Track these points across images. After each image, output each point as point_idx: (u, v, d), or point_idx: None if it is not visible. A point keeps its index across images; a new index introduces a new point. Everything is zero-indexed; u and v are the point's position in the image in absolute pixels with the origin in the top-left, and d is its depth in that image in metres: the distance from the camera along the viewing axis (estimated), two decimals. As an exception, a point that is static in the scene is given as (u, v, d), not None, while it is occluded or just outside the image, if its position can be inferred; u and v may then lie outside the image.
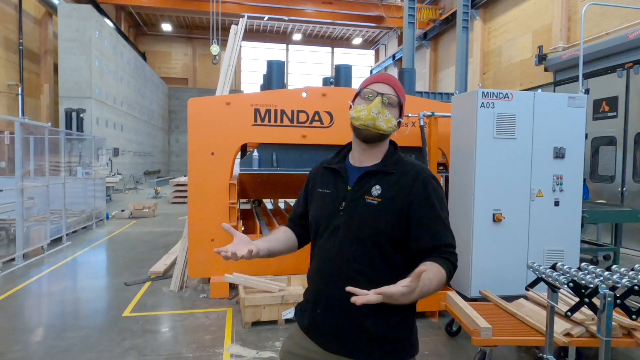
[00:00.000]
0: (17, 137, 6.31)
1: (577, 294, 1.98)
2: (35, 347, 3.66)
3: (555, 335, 3.15)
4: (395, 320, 1.41)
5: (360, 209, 1.41)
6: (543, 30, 15.38)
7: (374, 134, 1.43)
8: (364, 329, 1.38)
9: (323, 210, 1.49)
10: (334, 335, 1.42)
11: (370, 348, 1.39)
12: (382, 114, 1.41)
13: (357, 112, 1.42)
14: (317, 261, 1.49)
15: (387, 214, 1.38)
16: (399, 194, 1.39)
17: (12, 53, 15.51)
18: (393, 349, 1.41)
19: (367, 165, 1.48)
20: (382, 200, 1.39)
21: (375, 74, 1.54)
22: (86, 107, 16.22)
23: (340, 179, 1.49)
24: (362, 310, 1.35)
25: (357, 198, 1.42)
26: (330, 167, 1.55)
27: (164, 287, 5.31)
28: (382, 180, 1.43)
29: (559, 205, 4.48)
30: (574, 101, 4.48)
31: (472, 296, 4.33)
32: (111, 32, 19.52)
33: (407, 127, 5.22)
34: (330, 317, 1.42)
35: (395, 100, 1.45)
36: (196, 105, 4.97)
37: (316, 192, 1.55)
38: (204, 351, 3.62)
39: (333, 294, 1.41)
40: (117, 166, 18.83)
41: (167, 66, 31.41)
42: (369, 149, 1.48)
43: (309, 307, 1.49)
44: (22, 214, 6.48)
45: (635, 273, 2.06)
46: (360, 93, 1.48)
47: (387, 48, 31.08)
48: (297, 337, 1.53)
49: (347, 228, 1.41)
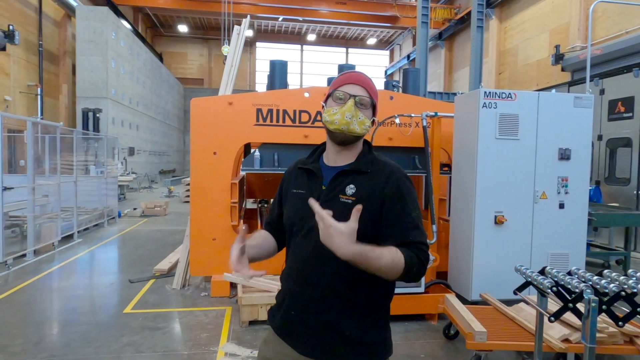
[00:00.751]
0: (29, 136, 6.48)
1: (561, 299, 1.92)
2: (36, 341, 3.74)
3: (552, 341, 3.08)
4: (370, 321, 1.40)
5: (334, 209, 1.35)
6: (560, 29, 15.06)
7: (349, 137, 1.42)
8: (339, 331, 1.37)
9: (297, 211, 1.47)
10: (308, 337, 1.41)
11: (345, 350, 1.38)
12: (356, 117, 1.39)
13: (331, 116, 1.40)
14: (292, 262, 1.48)
15: (361, 213, 1.35)
16: (372, 193, 1.38)
17: (32, 54, 15.92)
18: (368, 351, 1.39)
19: (342, 164, 1.47)
20: (356, 199, 1.38)
21: (346, 73, 1.48)
22: (102, 107, 16.56)
23: (315, 179, 1.48)
24: (337, 312, 1.37)
25: (331, 198, 1.41)
26: (304, 167, 1.53)
27: (167, 285, 5.37)
28: (356, 179, 1.42)
29: (564, 208, 4.37)
30: (580, 101, 4.37)
31: (472, 299, 4.27)
32: (127, 34, 19.88)
33: (410, 128, 5.17)
34: (304, 319, 1.41)
35: (368, 101, 1.43)
36: (199, 105, 5.02)
37: (290, 192, 1.54)
38: (199, 349, 3.65)
39: (308, 296, 1.40)
40: (133, 165, 19.17)
41: (183, 67, 31.84)
42: (343, 150, 1.47)
43: (282, 308, 1.48)
44: (33, 211, 6.64)
45: (627, 278, 1.99)
46: (332, 94, 1.46)
47: (401, 48, 30.88)
48: (272, 341, 1.51)
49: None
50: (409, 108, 5.14)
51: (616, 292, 1.85)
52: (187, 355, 3.54)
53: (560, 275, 2.07)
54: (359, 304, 1.38)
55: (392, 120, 5.09)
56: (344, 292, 1.37)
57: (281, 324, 1.47)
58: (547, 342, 3.08)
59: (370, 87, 1.46)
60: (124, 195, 15.07)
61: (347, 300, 1.37)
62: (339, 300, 1.37)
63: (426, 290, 4.34)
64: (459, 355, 3.67)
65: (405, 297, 4.26)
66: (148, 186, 20.13)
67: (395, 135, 5.19)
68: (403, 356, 3.61)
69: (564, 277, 2.03)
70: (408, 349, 3.74)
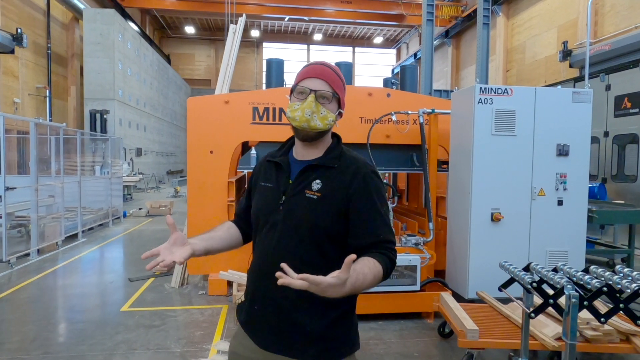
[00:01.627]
0: (32, 137, 6.56)
1: (542, 295, 1.88)
2: (32, 339, 3.78)
3: (546, 340, 3.03)
4: (333, 317, 1.38)
5: (299, 204, 1.38)
6: (569, 25, 14.85)
7: (312, 134, 1.39)
8: (300, 326, 1.35)
9: (264, 205, 1.46)
10: (269, 332, 1.40)
11: (305, 346, 1.36)
12: (317, 112, 1.36)
13: (292, 112, 1.37)
14: (256, 257, 1.47)
15: (325, 209, 1.35)
16: (338, 188, 1.36)
17: (41, 57, 16.14)
18: (329, 346, 1.37)
19: (309, 159, 1.45)
20: (322, 194, 1.36)
21: (308, 65, 1.44)
22: (109, 109, 16.73)
23: (283, 173, 1.46)
24: (298, 308, 1.35)
25: (297, 192, 1.39)
26: (273, 160, 1.51)
27: (165, 284, 5.40)
28: (323, 174, 1.39)
29: (563, 205, 4.30)
30: (578, 96, 4.29)
31: (469, 297, 4.22)
32: (134, 35, 20.06)
33: (407, 125, 5.13)
34: (266, 313, 1.40)
35: (330, 94, 1.39)
36: (195, 104, 5.03)
37: (259, 185, 1.52)
38: (192, 346, 3.66)
39: (270, 291, 1.38)
40: (140, 166, 19.34)
41: (190, 68, 32.04)
42: (310, 144, 1.45)
43: (247, 303, 1.47)
44: (36, 211, 6.72)
45: (612, 274, 1.95)
46: (294, 89, 1.42)
47: (408, 47, 30.73)
48: (240, 336, 1.51)
49: (285, 223, 1.38)
50: (406, 105, 5.10)
51: (598, 287, 1.81)
52: (179, 353, 3.55)
53: (543, 271, 2.03)
54: (320, 301, 1.33)
55: (389, 118, 5.05)
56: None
57: (245, 319, 1.47)
58: (541, 341, 3.03)
59: (332, 80, 1.41)
60: (131, 196, 15.21)
61: (308, 296, 1.31)
62: (300, 296, 1.31)
63: (422, 288, 4.30)
64: (453, 353, 3.62)
65: (401, 295, 4.23)
66: (155, 186, 20.29)
67: (393, 132, 5.16)
68: (396, 355, 3.58)
69: (547, 273, 1.98)
70: (402, 347, 3.71)
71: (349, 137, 5.15)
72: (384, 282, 3.80)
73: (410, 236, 4.56)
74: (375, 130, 5.00)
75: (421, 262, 4.24)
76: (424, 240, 4.53)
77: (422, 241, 4.49)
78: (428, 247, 4.54)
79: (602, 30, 13.09)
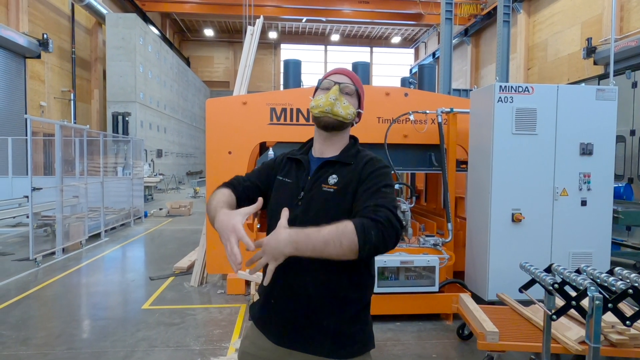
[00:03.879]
0: (58, 139, 6.74)
1: (564, 297, 1.83)
2: (57, 335, 3.89)
3: (569, 343, 2.96)
4: (349, 314, 1.39)
5: (316, 198, 1.42)
6: (593, 22, 14.47)
7: (333, 120, 1.45)
8: (317, 321, 1.37)
9: (282, 200, 1.48)
10: (285, 326, 1.41)
11: (322, 341, 1.37)
12: (340, 100, 1.44)
13: (316, 101, 1.46)
14: None
15: (342, 202, 1.39)
16: (352, 181, 1.41)
17: (66, 61, 16.60)
18: (345, 343, 1.38)
19: (327, 156, 1.50)
20: (338, 188, 1.41)
21: (334, 68, 1.58)
22: (131, 111, 17.08)
23: (302, 169, 1.51)
24: (315, 301, 1.36)
25: (314, 187, 1.44)
26: (294, 157, 1.56)
27: (185, 283, 5.48)
28: (340, 170, 1.45)
29: (587, 205, 4.19)
30: (603, 94, 4.18)
31: (489, 299, 4.15)
32: (155, 39, 20.44)
33: (425, 125, 5.08)
34: (283, 308, 1.41)
35: (353, 88, 1.48)
36: (214, 105, 5.10)
37: (277, 179, 1.55)
38: (211, 345, 3.70)
39: (288, 285, 1.40)
40: (160, 167, 19.67)
41: (209, 70, 32.44)
42: (329, 139, 1.50)
43: (262, 298, 1.49)
44: (61, 211, 6.91)
45: (638, 276, 1.88)
46: (319, 86, 1.53)
47: (427, 46, 30.43)
48: (251, 336, 1.52)
49: (304, 217, 1.40)
50: (424, 104, 5.05)
51: (623, 289, 1.75)
52: (198, 351, 3.60)
53: (566, 273, 1.98)
54: (338, 295, 1.38)
55: (406, 118, 5.01)
56: (324, 281, 1.36)
57: (260, 315, 1.48)
58: (563, 344, 2.96)
59: (355, 79, 1.52)
60: (152, 196, 15.49)
61: (327, 289, 1.37)
62: (319, 289, 1.37)
63: (441, 289, 4.25)
64: (472, 356, 3.57)
65: (419, 296, 4.19)
66: (175, 187, 20.61)
67: (410, 132, 5.12)
68: (414, 356, 3.55)
69: (570, 275, 1.94)
70: (420, 349, 3.68)
71: (366, 137, 5.13)
72: (402, 283, 3.81)
73: (428, 237, 4.52)
74: (392, 130, 4.97)
75: (440, 263, 4.20)
76: (442, 241, 4.48)
77: (440, 242, 4.44)
78: (447, 248, 4.49)
79: (628, 26, 12.70)
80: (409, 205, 4.57)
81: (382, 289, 4.11)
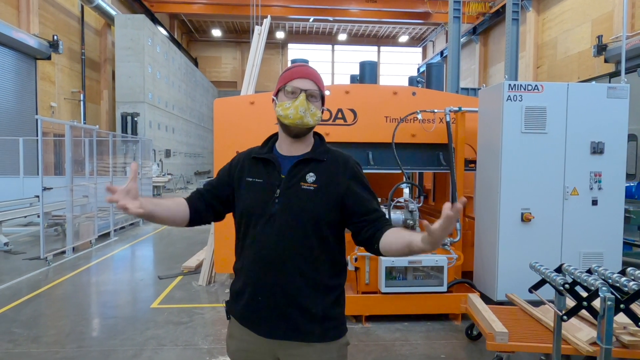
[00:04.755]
0: (68, 139, 6.81)
1: (575, 297, 1.81)
2: (67, 333, 3.93)
3: (580, 344, 2.92)
4: (332, 298, 1.50)
5: (296, 196, 1.46)
6: (603, 19, 14.30)
7: (304, 130, 1.50)
8: (306, 309, 1.44)
9: (256, 200, 1.49)
10: (274, 319, 1.45)
11: (311, 327, 1.45)
12: (308, 110, 1.46)
13: (285, 111, 1.46)
14: (255, 250, 1.48)
15: (323, 199, 1.47)
16: (333, 179, 1.49)
17: (76, 62, 16.77)
18: (331, 325, 1.49)
19: (297, 154, 1.53)
20: (318, 186, 1.47)
21: (294, 67, 1.53)
22: (140, 111, 17.20)
23: (272, 168, 1.51)
24: (303, 292, 1.44)
25: (292, 185, 1.47)
26: (260, 157, 1.55)
27: (193, 282, 5.51)
28: (315, 167, 1.50)
29: (597, 205, 4.14)
30: (614, 92, 4.12)
31: (498, 299, 4.12)
32: (163, 40, 20.57)
33: (433, 124, 5.05)
34: (272, 303, 1.45)
35: (318, 93, 1.51)
36: (222, 105, 5.11)
37: (245, 181, 1.54)
38: (219, 343, 3.72)
39: (275, 281, 1.44)
40: (169, 167, 19.80)
41: (217, 70, 32.57)
42: (298, 141, 1.54)
43: (245, 296, 1.49)
44: (71, 211, 6.98)
45: (651, 276, 1.85)
46: (282, 89, 1.51)
47: (434, 45, 30.28)
48: (237, 333, 1.53)
49: (284, 215, 1.45)
50: (432, 103, 5.02)
51: (636, 290, 1.73)
52: (206, 349, 3.61)
53: (577, 273, 1.96)
54: (322, 283, 1.47)
55: (414, 117, 4.99)
56: (308, 272, 1.45)
57: (245, 312, 1.50)
58: (574, 345, 2.93)
59: (318, 79, 1.53)
60: (160, 196, 15.59)
61: (311, 279, 1.45)
62: (304, 280, 1.45)
63: (449, 289, 4.23)
64: (481, 356, 3.55)
65: (427, 296, 4.17)
66: (184, 187, 20.73)
67: (418, 131, 5.09)
68: (422, 356, 3.53)
69: (581, 275, 1.91)
70: (428, 349, 3.66)
71: (373, 136, 5.12)
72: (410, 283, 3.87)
73: (436, 236, 4.48)
74: (400, 129, 4.94)
75: (448, 262, 4.17)
76: (451, 240, 4.46)
77: (449, 241, 4.41)
78: (455, 248, 4.46)
79: (640, 24, 12.54)
80: (417, 205, 4.55)
81: (390, 288, 4.10)
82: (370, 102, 5.09)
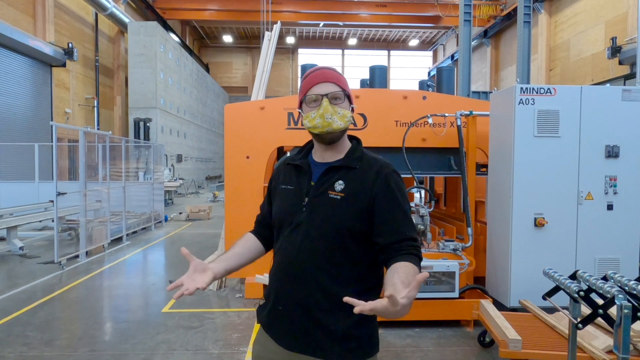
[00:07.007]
0: (81, 145, 6.91)
1: (590, 305, 1.77)
2: (80, 337, 3.97)
3: (596, 352, 2.86)
4: (356, 318, 1.36)
5: (323, 204, 1.40)
6: (617, 21, 14.11)
7: (337, 135, 1.43)
8: (325, 326, 1.37)
9: (286, 207, 1.48)
10: (294, 332, 1.41)
11: (331, 345, 1.37)
12: (335, 114, 1.39)
13: (312, 122, 1.40)
14: (279, 258, 1.47)
15: (350, 209, 1.38)
16: (362, 188, 1.39)
17: (90, 69, 17.05)
18: (353, 346, 1.38)
19: (330, 161, 1.47)
20: (345, 195, 1.39)
21: (310, 74, 1.46)
22: (152, 117, 17.41)
23: (304, 175, 1.48)
24: (322, 307, 1.36)
25: (320, 193, 1.42)
26: (294, 163, 1.53)
27: (204, 286, 5.51)
28: (346, 175, 1.42)
29: (613, 210, 4.06)
30: (629, 94, 4.05)
31: (511, 306, 4.05)
32: (175, 46, 20.83)
33: (443, 128, 5.01)
34: (291, 314, 1.41)
35: (341, 93, 1.43)
36: (232, 111, 5.15)
37: (279, 189, 1.54)
38: (229, 349, 3.72)
39: (294, 291, 1.40)
40: (180, 172, 19.97)
41: (227, 76, 32.87)
42: (331, 147, 1.48)
43: (270, 304, 1.48)
44: (85, 215, 7.07)
45: (669, 284, 1.81)
46: (304, 100, 1.45)
47: (445, 48, 30.17)
48: (262, 340, 1.52)
49: (309, 224, 1.40)
50: (443, 107, 4.99)
51: (653, 298, 1.69)
52: (217, 355, 3.62)
53: (592, 280, 1.92)
54: (343, 301, 1.36)
55: (425, 121, 4.96)
56: (329, 287, 1.36)
57: (268, 320, 1.48)
58: (590, 353, 2.87)
59: (337, 79, 1.45)
60: (172, 200, 15.73)
61: (333, 295, 1.35)
62: (325, 295, 1.36)
63: (461, 295, 4.18)
64: (494, 364, 3.49)
65: (439, 302, 4.12)
66: (195, 191, 20.88)
67: (429, 135, 5.06)
68: (434, 363, 3.49)
69: (596, 282, 1.87)
70: (440, 356, 3.61)
71: (384, 140, 5.10)
72: (421, 289, 3.80)
73: (448, 242, 4.44)
74: (410, 133, 4.92)
75: (460, 268, 4.12)
76: (462, 245, 4.41)
77: (460, 247, 4.37)
78: (467, 253, 4.41)
79: (655, 25, 12.33)
80: (428, 210, 4.52)
81: (401, 294, 4.05)
82: (381, 107, 5.07)
